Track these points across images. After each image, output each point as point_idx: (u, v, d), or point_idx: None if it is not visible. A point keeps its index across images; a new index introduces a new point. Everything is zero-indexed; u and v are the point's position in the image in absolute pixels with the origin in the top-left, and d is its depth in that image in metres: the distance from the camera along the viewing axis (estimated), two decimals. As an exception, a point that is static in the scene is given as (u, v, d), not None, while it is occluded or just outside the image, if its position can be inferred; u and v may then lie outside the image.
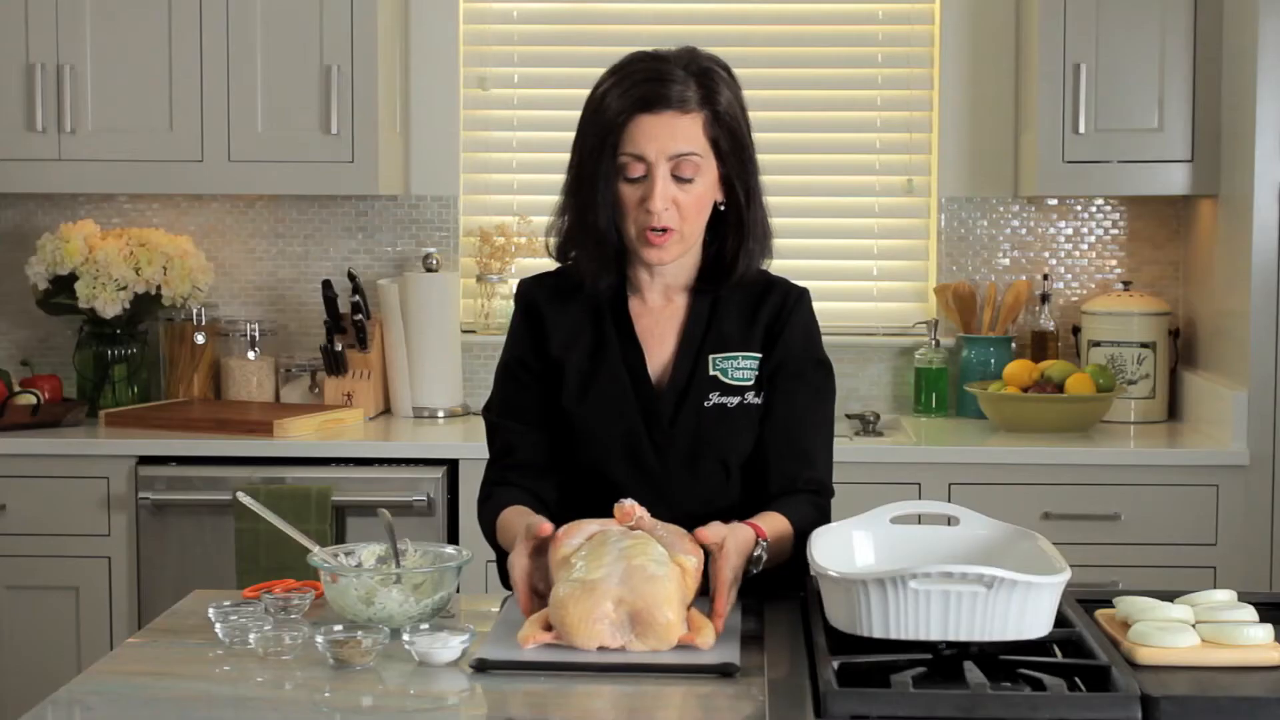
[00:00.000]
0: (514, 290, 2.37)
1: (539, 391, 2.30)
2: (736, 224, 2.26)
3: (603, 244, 2.22)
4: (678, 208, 2.18)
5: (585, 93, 4.73)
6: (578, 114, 4.75)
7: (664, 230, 2.19)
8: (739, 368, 2.27)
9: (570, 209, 2.26)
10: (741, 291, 2.31)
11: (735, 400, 2.26)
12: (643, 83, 2.18)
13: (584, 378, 2.27)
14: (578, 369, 2.27)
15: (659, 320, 2.30)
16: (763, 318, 2.30)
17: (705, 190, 2.21)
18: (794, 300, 2.32)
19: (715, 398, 2.25)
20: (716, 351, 2.27)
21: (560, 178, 4.68)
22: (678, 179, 2.18)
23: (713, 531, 2.02)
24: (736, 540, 2.03)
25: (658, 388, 2.27)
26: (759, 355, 2.28)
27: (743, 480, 2.27)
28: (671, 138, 2.17)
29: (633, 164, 2.18)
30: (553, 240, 2.31)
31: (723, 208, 2.26)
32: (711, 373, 2.26)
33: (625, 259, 2.28)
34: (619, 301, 2.30)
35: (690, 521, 2.07)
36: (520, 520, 2.11)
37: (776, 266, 4.29)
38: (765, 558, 2.08)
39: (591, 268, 2.25)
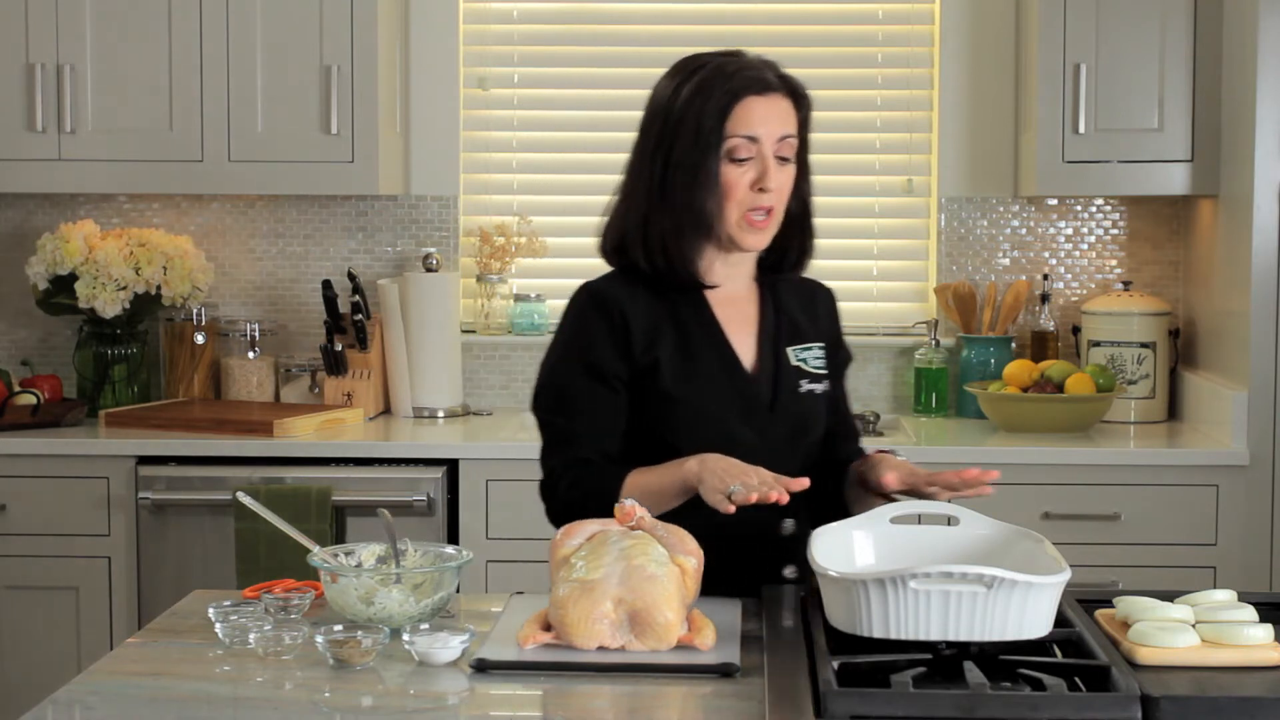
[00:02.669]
0: (576, 294, 2.32)
1: (616, 394, 2.27)
2: (801, 217, 2.33)
3: (708, 231, 2.24)
4: (778, 190, 2.24)
5: (585, 93, 4.72)
6: (578, 114, 4.74)
7: (768, 212, 2.24)
8: (816, 357, 2.37)
9: (664, 204, 2.23)
10: (789, 285, 2.39)
11: (820, 388, 2.36)
12: (743, 69, 2.23)
13: (678, 368, 2.26)
14: (670, 360, 2.26)
15: (735, 311, 2.33)
16: (820, 313, 2.42)
17: (793, 175, 2.28)
18: (833, 297, 2.48)
19: (806, 384, 2.34)
20: (792, 343, 2.35)
21: (563, 177, 4.66)
22: (780, 161, 2.23)
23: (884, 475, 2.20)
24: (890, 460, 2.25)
25: (751, 375, 2.30)
26: (824, 345, 2.39)
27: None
28: (780, 119, 2.23)
29: (743, 145, 2.21)
30: (608, 241, 2.32)
31: None
32: (794, 363, 2.33)
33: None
34: (694, 294, 2.30)
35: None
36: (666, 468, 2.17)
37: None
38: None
39: (690, 256, 2.25)
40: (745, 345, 2.32)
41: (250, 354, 4.15)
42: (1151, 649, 1.80)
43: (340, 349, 4.02)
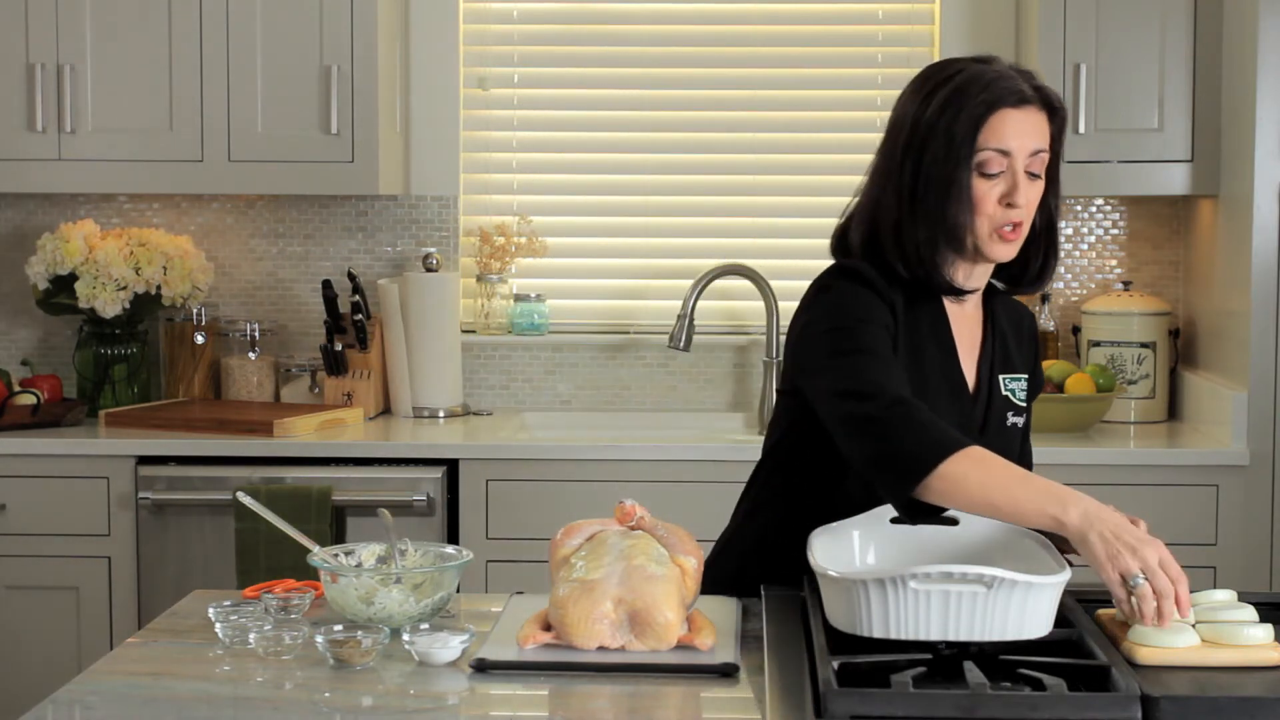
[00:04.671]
0: (833, 273, 2.21)
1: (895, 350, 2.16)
2: (1047, 233, 2.24)
3: (959, 244, 2.14)
4: (1027, 206, 2.15)
5: (585, 92, 4.70)
6: (578, 114, 4.73)
7: (1016, 226, 2.15)
8: (1021, 389, 2.29)
9: (914, 213, 2.15)
10: (1005, 304, 2.31)
11: (1021, 421, 2.28)
12: (999, 79, 2.13)
13: (909, 375, 2.15)
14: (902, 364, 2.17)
15: (965, 328, 2.25)
16: (1025, 340, 2.33)
17: (1041, 190, 2.19)
18: (1035, 322, 2.38)
19: (1011, 417, 2.26)
20: (1004, 370, 2.27)
21: (563, 177, 4.65)
22: (1030, 176, 2.15)
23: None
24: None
25: (973, 397, 2.23)
26: (1028, 377, 2.30)
27: None
28: (1033, 133, 2.14)
29: (995, 159, 2.12)
30: (854, 239, 2.24)
31: None
32: (1004, 392, 2.26)
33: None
34: (935, 305, 2.22)
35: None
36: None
37: (778, 266, 4.26)
38: None
39: (943, 266, 2.17)
40: (969, 366, 2.24)
41: (250, 354, 4.15)
42: (1151, 649, 1.80)
43: (340, 349, 4.02)
